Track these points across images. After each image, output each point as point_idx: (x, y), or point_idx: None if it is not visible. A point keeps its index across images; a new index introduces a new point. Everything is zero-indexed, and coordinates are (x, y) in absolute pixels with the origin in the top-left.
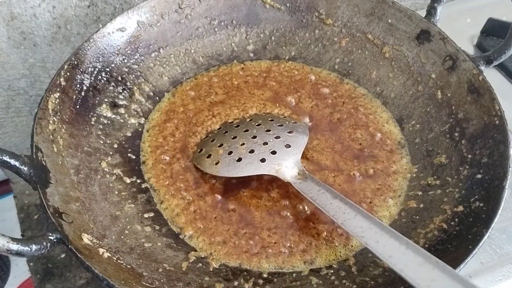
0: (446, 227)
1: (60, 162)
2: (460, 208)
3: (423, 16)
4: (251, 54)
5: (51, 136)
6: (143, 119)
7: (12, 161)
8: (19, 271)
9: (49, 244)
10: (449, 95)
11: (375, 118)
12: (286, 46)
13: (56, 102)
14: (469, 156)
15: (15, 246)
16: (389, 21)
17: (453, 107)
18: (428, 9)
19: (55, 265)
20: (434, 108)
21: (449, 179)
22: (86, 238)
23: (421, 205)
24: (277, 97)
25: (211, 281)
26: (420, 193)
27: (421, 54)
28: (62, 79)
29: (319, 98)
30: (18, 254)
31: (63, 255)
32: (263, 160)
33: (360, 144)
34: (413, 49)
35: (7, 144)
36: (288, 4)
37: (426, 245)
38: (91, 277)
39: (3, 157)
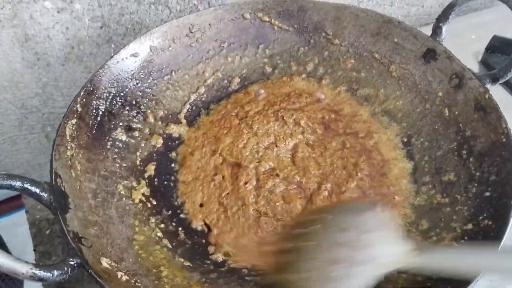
0: (456, 245)
1: (78, 187)
2: (469, 226)
3: (429, 35)
4: (261, 75)
5: (69, 162)
6: (157, 142)
7: (33, 188)
8: (32, 286)
9: (70, 269)
10: (456, 113)
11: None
12: (295, 66)
13: (73, 128)
14: (477, 173)
15: (38, 272)
16: (395, 40)
17: (461, 124)
18: (433, 28)
19: (67, 281)
20: (441, 126)
21: (458, 196)
22: (105, 262)
23: (431, 223)
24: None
25: None
26: (429, 211)
27: (428, 72)
28: (78, 106)
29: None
30: (41, 280)
31: (72, 275)
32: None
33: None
34: (420, 68)
35: (19, 160)
36: (296, 26)
37: None
38: None
39: (24, 184)
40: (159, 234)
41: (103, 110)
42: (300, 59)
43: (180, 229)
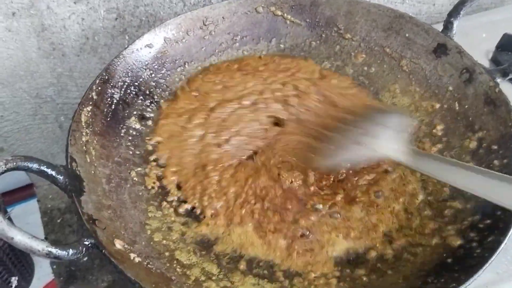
0: (464, 235)
1: (93, 172)
2: (477, 217)
3: (440, 30)
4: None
5: (84, 147)
6: None
7: (49, 171)
8: (43, 273)
9: (84, 249)
10: (466, 107)
11: None
12: (306, 60)
13: (89, 115)
14: (487, 166)
15: (54, 250)
16: (407, 35)
17: (470, 118)
18: (444, 23)
19: (77, 268)
20: (451, 119)
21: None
22: (118, 244)
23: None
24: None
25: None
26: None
27: (439, 67)
28: (94, 93)
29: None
30: (56, 258)
31: (85, 258)
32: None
33: None
34: (431, 62)
35: (33, 149)
36: (308, 20)
37: (445, 254)
38: (113, 279)
39: (41, 167)
40: (172, 219)
41: (118, 99)
42: (311, 54)
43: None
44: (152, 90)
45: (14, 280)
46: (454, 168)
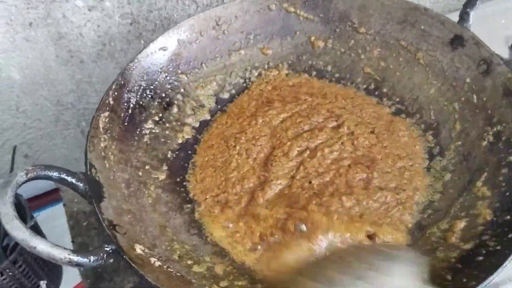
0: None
1: (112, 177)
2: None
3: (456, 21)
4: (286, 65)
5: (103, 153)
6: (187, 133)
7: (69, 178)
8: (71, 276)
9: (105, 255)
10: (484, 99)
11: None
12: (320, 56)
13: (106, 120)
14: (506, 159)
15: (75, 258)
16: (422, 27)
17: (489, 110)
18: (460, 14)
19: (104, 270)
20: (470, 112)
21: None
22: (139, 248)
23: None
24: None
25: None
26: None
27: (455, 59)
28: (110, 99)
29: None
30: (78, 265)
31: (111, 260)
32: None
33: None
34: (447, 54)
35: (56, 155)
36: (321, 15)
37: (464, 253)
38: (139, 281)
39: (61, 175)
40: (190, 223)
41: (134, 103)
42: (325, 49)
43: None
44: (167, 92)
45: (43, 284)
46: None
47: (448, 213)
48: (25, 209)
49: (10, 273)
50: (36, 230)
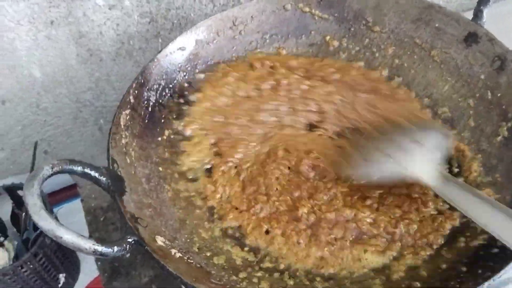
0: None
1: (133, 172)
2: None
3: (470, 19)
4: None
5: (124, 149)
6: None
7: (92, 173)
8: (89, 269)
9: (128, 246)
10: (499, 95)
11: None
12: (335, 54)
13: (127, 118)
14: None
15: (99, 248)
16: (436, 25)
17: (504, 107)
18: (474, 12)
19: (121, 264)
20: (484, 108)
21: (499, 179)
22: (160, 240)
23: None
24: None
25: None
26: None
27: (470, 56)
28: (131, 97)
29: None
30: (102, 255)
31: (128, 255)
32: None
33: None
34: (462, 52)
35: (74, 152)
36: (336, 14)
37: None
38: (155, 274)
39: (85, 169)
40: (209, 216)
41: (154, 101)
42: (340, 48)
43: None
44: (186, 91)
45: (61, 277)
46: (479, 204)
47: None
48: (45, 204)
49: (31, 266)
50: None
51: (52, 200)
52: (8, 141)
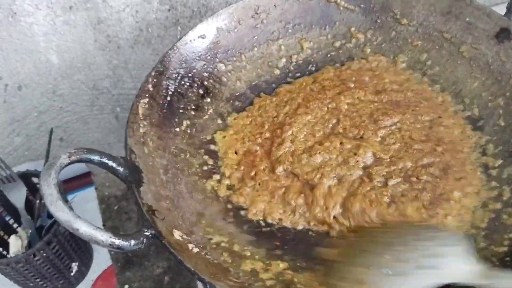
0: None
1: (151, 163)
2: None
3: (503, 14)
4: (325, 55)
5: (142, 139)
6: (222, 121)
7: (110, 162)
8: (102, 259)
9: (145, 239)
10: None
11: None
12: (360, 47)
13: (146, 107)
14: None
15: (116, 241)
16: (467, 19)
17: None
18: (508, 6)
19: (134, 255)
20: None
21: None
22: (177, 234)
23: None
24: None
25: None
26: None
27: (501, 52)
28: (150, 85)
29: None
30: (119, 248)
31: (149, 241)
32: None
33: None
34: (493, 48)
35: (90, 139)
36: (362, 5)
37: None
38: (168, 266)
39: (102, 159)
40: (227, 210)
41: (173, 90)
42: (366, 40)
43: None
44: (205, 81)
45: (74, 266)
46: None
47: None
48: (62, 194)
49: (44, 254)
50: None
51: (66, 187)
52: (24, 127)
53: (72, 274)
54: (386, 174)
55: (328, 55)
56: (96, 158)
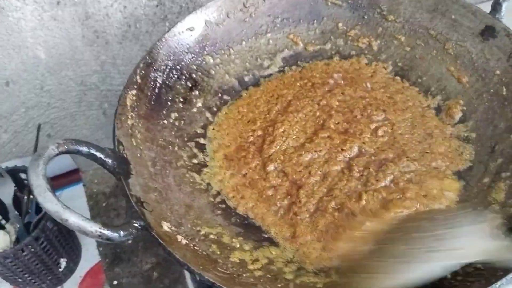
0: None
1: (139, 155)
2: None
3: (488, 12)
4: (312, 51)
5: (130, 131)
6: (211, 114)
7: (98, 154)
8: (90, 255)
9: (134, 230)
10: None
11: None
12: (348, 43)
13: (133, 98)
14: None
15: (106, 232)
16: (453, 17)
17: None
18: (493, 5)
19: (123, 250)
20: (498, 104)
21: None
22: (166, 226)
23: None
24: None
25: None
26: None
27: (486, 50)
28: (138, 77)
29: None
30: (108, 239)
31: (130, 241)
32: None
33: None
34: (477, 45)
35: (78, 135)
36: (349, 1)
37: None
38: (157, 261)
39: (90, 150)
40: (215, 203)
41: (161, 82)
42: (353, 36)
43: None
44: (193, 73)
45: (62, 262)
46: None
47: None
48: (51, 185)
49: (32, 249)
50: None
51: (54, 184)
52: (11, 123)
53: (60, 270)
54: (366, 164)
55: (316, 50)
56: (84, 149)
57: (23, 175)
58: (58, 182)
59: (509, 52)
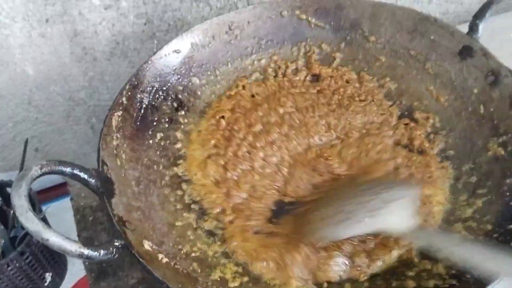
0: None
1: (123, 175)
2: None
3: (466, 32)
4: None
5: (114, 151)
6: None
7: (82, 174)
8: (76, 269)
9: (115, 249)
10: (491, 109)
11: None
12: (330, 63)
13: (119, 119)
14: (511, 169)
15: (85, 251)
16: (432, 37)
17: (495, 121)
18: (470, 25)
19: (109, 265)
20: (476, 122)
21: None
22: (147, 245)
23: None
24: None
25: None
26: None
27: (464, 69)
28: (124, 98)
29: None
30: (88, 258)
31: (116, 255)
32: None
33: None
34: (456, 65)
35: (66, 150)
36: (332, 23)
37: None
38: (142, 276)
39: (74, 170)
40: (198, 222)
41: (147, 103)
42: (335, 56)
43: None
44: (179, 94)
45: (48, 276)
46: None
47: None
48: (34, 203)
49: (17, 264)
50: (45, 223)
51: (42, 197)
52: None
53: (45, 284)
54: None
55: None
56: (68, 169)
57: (9, 189)
58: (46, 195)
59: (486, 71)
